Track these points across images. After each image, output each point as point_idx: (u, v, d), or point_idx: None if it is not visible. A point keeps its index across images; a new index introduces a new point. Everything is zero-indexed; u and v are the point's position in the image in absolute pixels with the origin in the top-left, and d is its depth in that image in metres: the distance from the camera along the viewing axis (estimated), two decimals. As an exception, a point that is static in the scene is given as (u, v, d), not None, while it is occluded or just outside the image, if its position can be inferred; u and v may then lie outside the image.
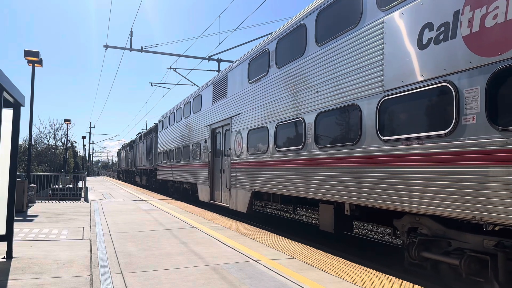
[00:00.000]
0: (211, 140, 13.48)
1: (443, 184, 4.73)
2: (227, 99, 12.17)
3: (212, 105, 13.54)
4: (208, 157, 13.59)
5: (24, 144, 32.48)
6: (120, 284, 4.36)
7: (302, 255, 5.93)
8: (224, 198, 12.12)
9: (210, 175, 13.42)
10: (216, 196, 13.03)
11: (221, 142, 12.73)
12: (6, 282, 4.40)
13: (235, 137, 11.29)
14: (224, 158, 12.33)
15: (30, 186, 13.19)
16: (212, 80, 13.95)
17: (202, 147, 14.53)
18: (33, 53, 13.23)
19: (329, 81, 7.13)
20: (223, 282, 4.44)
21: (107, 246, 6.42)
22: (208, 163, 13.61)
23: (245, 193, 10.46)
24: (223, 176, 12.34)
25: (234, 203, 11.16)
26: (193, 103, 16.22)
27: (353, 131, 6.46)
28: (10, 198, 5.48)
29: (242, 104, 10.97)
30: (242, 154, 10.74)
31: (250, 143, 10.37)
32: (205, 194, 13.90)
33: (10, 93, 5.17)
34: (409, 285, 4.45)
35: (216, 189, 13.00)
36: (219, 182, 12.73)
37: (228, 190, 11.71)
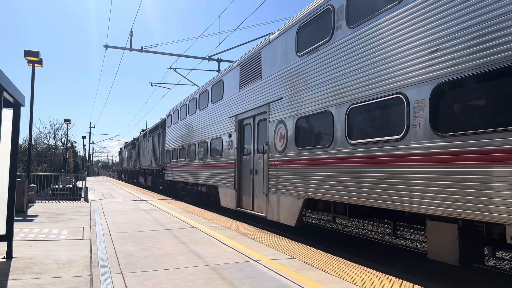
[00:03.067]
0: (238, 134, 11.07)
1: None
2: (261, 81, 9.73)
3: (239, 91, 11.05)
4: (234, 154, 11.22)
5: (24, 144, 32.53)
6: (120, 284, 4.36)
7: (302, 255, 5.93)
8: (258, 205, 9.81)
9: (236, 177, 11.03)
10: (245, 202, 10.67)
11: (252, 135, 10.36)
12: (6, 282, 4.40)
13: (276, 128, 8.85)
14: (257, 156, 9.99)
15: (30, 186, 13.19)
16: (238, 61, 11.40)
17: (224, 143, 12.13)
18: (33, 53, 13.23)
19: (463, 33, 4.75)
20: (223, 282, 4.44)
21: (107, 246, 6.42)
22: (233, 162, 11.22)
23: (292, 200, 8.05)
24: (255, 177, 10.03)
25: (274, 212, 8.75)
26: (211, 92, 13.69)
27: None
28: (10, 198, 5.48)
29: (287, 84, 8.48)
30: (288, 150, 8.29)
31: (300, 134, 7.97)
32: (229, 199, 11.54)
33: (10, 93, 5.18)
34: (409, 285, 4.46)
35: (246, 193, 10.62)
36: (249, 185, 10.38)
37: (264, 196, 9.25)
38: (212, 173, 13.15)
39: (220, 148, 12.41)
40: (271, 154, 9.03)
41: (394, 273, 5.59)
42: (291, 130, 8.26)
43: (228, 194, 11.67)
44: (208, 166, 13.65)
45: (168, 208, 12.77)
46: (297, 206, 7.90)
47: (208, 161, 13.68)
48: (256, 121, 10.16)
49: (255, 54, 10.23)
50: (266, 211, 9.19)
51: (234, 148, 11.22)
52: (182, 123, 17.72)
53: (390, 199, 5.63)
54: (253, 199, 10.16)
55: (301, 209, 7.78)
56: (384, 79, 5.85)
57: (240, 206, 10.89)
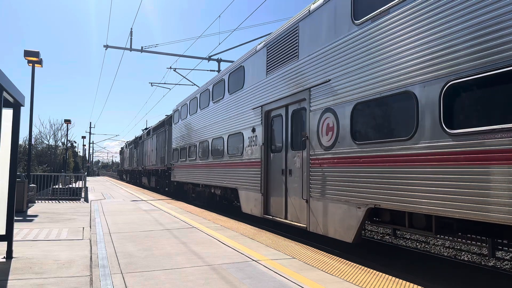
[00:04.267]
0: (264, 128, 9.47)
1: None
2: (298, 63, 8.04)
3: (266, 77, 9.45)
4: (260, 151, 9.59)
5: (24, 144, 32.52)
6: (120, 284, 4.36)
7: (302, 255, 5.93)
8: (293, 213, 8.13)
9: (263, 178, 9.39)
10: (274, 209, 8.97)
11: (284, 129, 8.73)
12: (6, 282, 4.40)
13: (320, 119, 7.18)
14: (292, 153, 8.35)
15: (30, 186, 13.19)
16: (264, 41, 9.81)
17: (246, 139, 10.48)
18: (33, 53, 13.23)
19: None
20: (223, 282, 4.44)
21: (107, 246, 6.42)
22: (259, 161, 9.61)
23: (348, 210, 6.36)
24: (289, 179, 8.37)
25: (319, 223, 7.09)
26: (228, 81, 12.00)
27: None
28: (10, 198, 5.48)
29: (337, 62, 6.78)
30: (339, 145, 6.66)
31: (360, 125, 6.31)
32: (253, 204, 9.88)
33: (10, 93, 5.18)
34: (409, 285, 4.46)
35: (276, 198, 8.95)
36: (280, 189, 8.74)
37: (304, 203, 7.58)
38: (229, 173, 11.54)
39: (240, 145, 10.81)
40: (314, 151, 7.37)
41: (394, 273, 5.59)
42: (345, 120, 6.54)
43: (251, 198, 10.02)
44: (224, 166, 12.02)
45: (168, 208, 12.77)
46: (356, 217, 6.18)
47: (224, 160, 12.02)
48: (289, 112, 8.53)
49: (289, 30, 8.46)
50: (306, 221, 7.45)
51: (260, 145, 9.61)
52: (192, 118, 16.06)
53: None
54: (286, 205, 8.46)
55: (362, 221, 6.09)
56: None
57: (268, 213, 9.20)
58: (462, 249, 8.81)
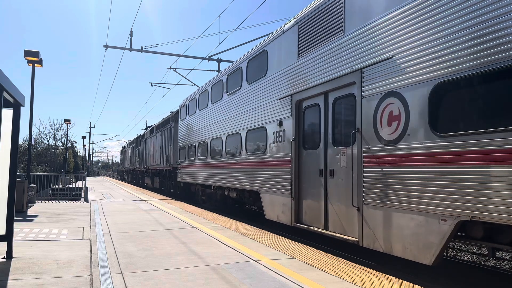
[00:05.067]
0: (295, 121, 8.21)
1: None
2: (343, 38, 6.71)
3: (297, 61, 8.16)
4: (289, 148, 8.34)
5: (24, 144, 32.52)
6: (120, 284, 4.37)
7: (302, 255, 5.94)
8: (337, 223, 6.82)
9: (294, 179, 8.12)
10: (310, 216, 7.66)
11: (322, 121, 7.42)
12: (6, 282, 4.40)
13: (379, 106, 5.84)
14: (333, 150, 7.04)
15: (30, 186, 13.20)
16: (295, 19, 8.37)
17: (270, 134, 9.25)
18: (33, 53, 13.24)
19: None
20: (223, 282, 4.44)
21: (107, 246, 6.42)
22: (288, 159, 8.37)
23: (425, 222, 4.99)
24: (330, 181, 7.08)
25: (378, 237, 5.80)
26: (246, 70, 10.78)
27: None
28: (10, 198, 5.48)
29: (405, 33, 5.44)
30: (408, 138, 5.29)
31: (446, 110, 4.91)
32: (280, 210, 8.62)
33: (10, 93, 5.18)
34: (409, 285, 4.46)
35: (311, 204, 7.64)
36: (317, 192, 7.41)
37: (355, 210, 6.26)
38: (249, 174, 10.34)
39: (263, 141, 9.62)
40: (368, 146, 6.05)
41: (394, 273, 5.59)
42: (418, 106, 5.17)
43: (278, 203, 8.72)
44: (242, 165, 10.81)
45: (168, 208, 12.78)
46: (438, 233, 4.79)
47: (242, 159, 10.80)
48: (329, 100, 7.24)
49: (331, 1, 7.16)
50: (358, 233, 6.17)
51: (290, 140, 8.35)
52: (202, 114, 14.78)
53: None
54: (325, 213, 7.16)
55: (448, 238, 4.74)
56: None
57: (301, 221, 7.94)
58: (462, 249, 8.81)
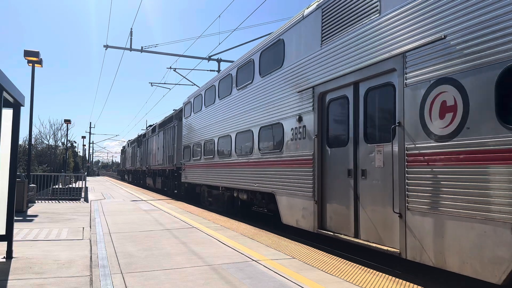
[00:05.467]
0: (318, 115, 7.43)
1: None
2: (379, 20, 5.98)
3: (321, 48, 7.39)
4: (311, 146, 7.54)
5: (24, 144, 32.54)
6: (120, 284, 4.37)
7: (302, 255, 5.94)
8: (372, 230, 6.06)
9: (317, 181, 7.31)
10: (337, 222, 6.87)
11: (350, 114, 6.70)
12: (6, 282, 4.41)
13: (428, 95, 5.07)
14: (366, 148, 6.26)
15: (30, 186, 13.21)
16: (318, 2, 7.61)
17: (288, 131, 8.44)
18: (33, 53, 13.25)
19: None
20: (223, 282, 4.44)
21: (107, 246, 6.42)
22: (310, 158, 7.55)
23: (493, 232, 4.24)
24: (361, 183, 6.30)
25: (427, 249, 4.97)
26: (259, 61, 10.04)
27: None
28: (10, 198, 5.48)
29: (463, 7, 4.69)
30: (468, 132, 4.57)
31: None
32: (300, 215, 7.80)
33: (10, 93, 5.18)
34: (409, 285, 4.46)
35: (338, 208, 6.84)
36: (346, 195, 6.63)
37: (396, 217, 5.46)
38: (262, 174, 9.63)
39: (279, 138, 8.87)
40: (414, 143, 5.24)
41: (394, 273, 5.59)
42: (482, 94, 4.42)
43: (297, 206, 7.93)
44: (254, 165, 10.08)
45: (168, 208, 12.78)
46: (510, 245, 4.09)
47: (254, 158, 10.08)
48: (360, 91, 6.49)
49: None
50: (400, 243, 5.38)
51: (311, 137, 7.58)
52: (208, 110, 14.01)
53: None
54: (356, 218, 6.39)
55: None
56: None
57: (325, 227, 7.16)
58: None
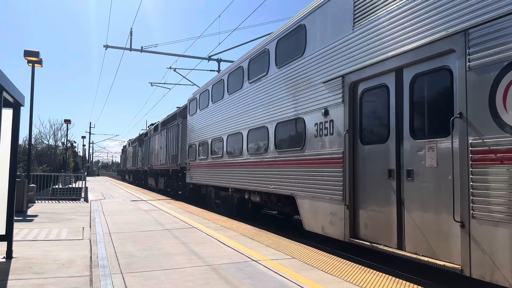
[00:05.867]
0: (350, 108, 6.62)
1: None
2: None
3: (352, 31, 6.55)
4: (342, 143, 6.67)
5: (24, 144, 32.54)
6: (120, 284, 4.36)
7: (302, 255, 5.94)
8: (422, 242, 5.22)
9: (348, 182, 6.51)
10: (374, 230, 6.07)
11: (390, 106, 5.84)
12: (6, 282, 4.40)
13: (500, 80, 4.40)
14: (414, 144, 5.41)
15: (30, 186, 13.20)
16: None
17: (311, 127, 7.64)
18: (33, 53, 13.24)
19: None
20: (223, 282, 4.44)
21: (107, 246, 6.42)
22: (340, 157, 6.72)
23: None
24: (407, 185, 5.47)
25: (503, 267, 4.22)
26: (275, 51, 9.22)
27: None
28: (10, 198, 5.48)
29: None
30: None
31: None
32: (327, 220, 7.00)
33: (10, 93, 5.18)
34: (409, 285, 4.46)
35: (375, 214, 6.03)
36: (386, 199, 5.80)
37: (457, 226, 4.70)
38: (279, 175, 8.80)
39: (300, 135, 8.05)
40: (482, 137, 4.51)
41: (394, 273, 5.59)
42: None
43: (323, 211, 7.11)
44: (269, 165, 9.30)
45: (168, 208, 12.78)
46: None
47: (269, 157, 9.29)
48: (406, 78, 5.61)
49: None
50: (463, 258, 4.62)
51: (341, 133, 6.74)
52: (216, 107, 13.25)
53: None
54: (400, 226, 5.55)
55: None
56: None
57: (359, 235, 6.37)
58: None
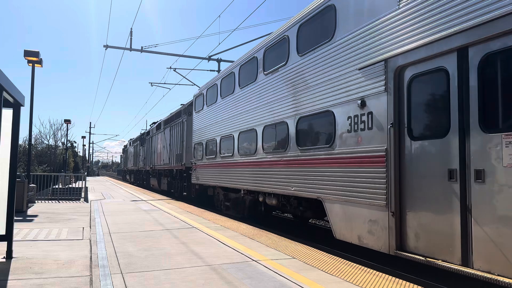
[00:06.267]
0: (395, 97, 5.67)
1: None
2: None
3: (398, 7, 5.67)
4: (386, 138, 5.71)
5: (24, 144, 32.45)
6: (120, 284, 4.36)
7: (302, 255, 5.93)
8: (499, 258, 4.23)
9: (393, 184, 5.57)
10: (427, 242, 5.12)
11: (450, 94, 4.92)
12: (6, 282, 4.40)
13: None
14: (483, 139, 4.44)
15: (30, 186, 13.20)
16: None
17: (342, 120, 6.67)
18: (33, 53, 13.24)
19: None
20: (223, 282, 4.44)
21: (107, 246, 6.42)
22: (382, 155, 5.76)
23: None
24: (476, 189, 4.50)
25: None
26: (296, 38, 8.28)
27: None
28: (10, 198, 5.48)
29: None
30: None
31: None
32: (365, 229, 6.11)
33: (10, 93, 5.18)
34: (409, 285, 4.46)
35: (431, 222, 5.08)
36: (447, 206, 4.84)
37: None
38: (302, 175, 7.86)
39: (328, 131, 7.13)
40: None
41: (394, 273, 5.60)
42: None
43: (360, 218, 6.19)
44: (290, 164, 8.37)
45: (168, 208, 12.78)
46: None
47: (290, 155, 8.33)
48: (472, 58, 4.63)
49: None
50: None
51: (383, 127, 5.78)
52: (226, 102, 12.37)
53: None
54: (465, 238, 4.63)
55: None
56: None
57: (408, 248, 5.35)
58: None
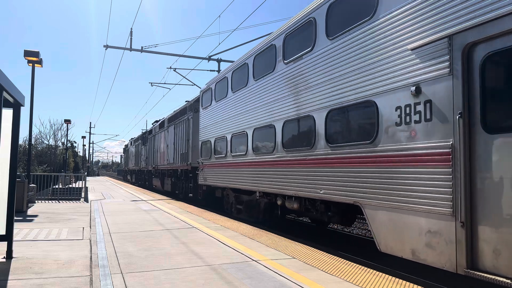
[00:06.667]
0: (463, 83, 4.48)
1: None
2: None
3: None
4: (452, 131, 4.54)
5: (24, 144, 32.44)
6: (120, 284, 4.36)
7: (302, 255, 5.93)
8: None
9: (463, 190, 4.35)
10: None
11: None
12: (6, 282, 4.40)
13: None
14: None
15: (30, 186, 13.20)
16: None
17: (389, 112, 5.59)
18: (33, 53, 13.24)
19: None
20: (223, 282, 4.44)
21: (107, 246, 6.42)
22: (447, 152, 4.59)
23: None
24: None
25: None
26: (326, 18, 7.27)
27: None
28: (10, 198, 5.48)
29: None
30: None
31: None
32: (422, 242, 4.95)
33: (10, 93, 5.18)
34: (409, 285, 4.46)
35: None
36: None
37: None
38: (333, 176, 6.86)
39: (369, 124, 6.07)
40: None
41: (394, 273, 5.60)
42: None
43: (415, 228, 5.08)
44: (317, 164, 7.35)
45: (168, 208, 12.78)
46: None
47: (318, 153, 7.32)
48: None
49: None
50: None
51: (448, 118, 4.65)
52: (238, 96, 11.37)
53: None
54: None
55: None
56: None
57: (482, 267, 4.27)
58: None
